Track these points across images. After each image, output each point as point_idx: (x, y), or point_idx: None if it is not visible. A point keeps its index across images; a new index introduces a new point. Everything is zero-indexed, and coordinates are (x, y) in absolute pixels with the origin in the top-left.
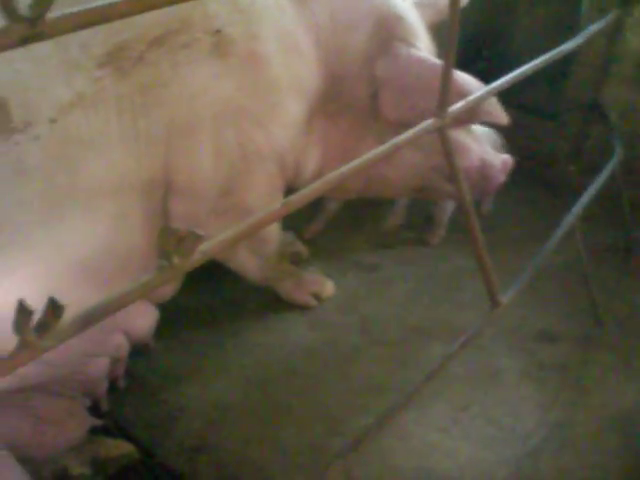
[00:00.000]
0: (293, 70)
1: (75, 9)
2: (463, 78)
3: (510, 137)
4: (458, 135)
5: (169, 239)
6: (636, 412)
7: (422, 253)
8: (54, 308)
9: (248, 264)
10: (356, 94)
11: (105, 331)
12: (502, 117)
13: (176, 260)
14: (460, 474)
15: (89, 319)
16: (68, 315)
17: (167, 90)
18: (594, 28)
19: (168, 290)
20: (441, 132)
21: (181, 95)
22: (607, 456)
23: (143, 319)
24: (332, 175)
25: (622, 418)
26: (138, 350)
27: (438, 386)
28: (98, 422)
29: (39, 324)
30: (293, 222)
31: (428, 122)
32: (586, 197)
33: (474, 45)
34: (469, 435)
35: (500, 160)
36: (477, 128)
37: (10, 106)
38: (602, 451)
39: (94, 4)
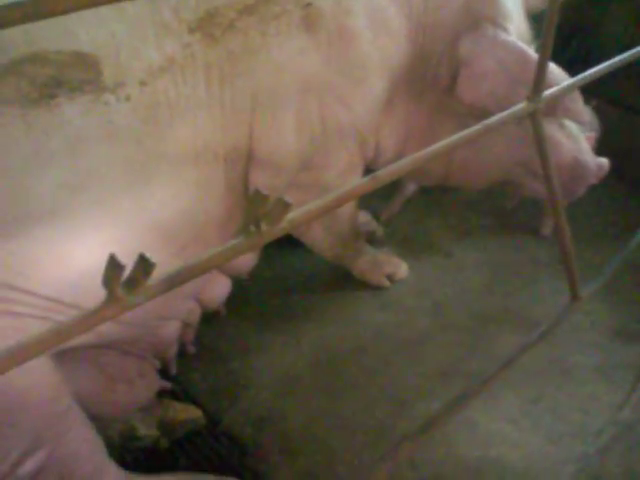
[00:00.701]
0: (382, 47)
1: None
2: (551, 67)
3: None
4: (550, 129)
5: (260, 204)
6: None
7: (498, 242)
8: (144, 265)
9: (322, 240)
10: (439, 74)
11: (179, 296)
12: (583, 114)
13: (264, 226)
14: (526, 467)
15: (177, 279)
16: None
17: (255, 60)
18: None
19: (246, 264)
20: (533, 118)
21: (268, 66)
22: None
23: (217, 289)
24: (422, 153)
25: None
26: (209, 318)
27: (508, 377)
28: (167, 385)
29: (128, 280)
30: (369, 202)
31: (520, 106)
32: None
33: (563, 34)
34: (537, 428)
35: (595, 162)
36: (571, 125)
37: (102, 65)
38: None
39: None
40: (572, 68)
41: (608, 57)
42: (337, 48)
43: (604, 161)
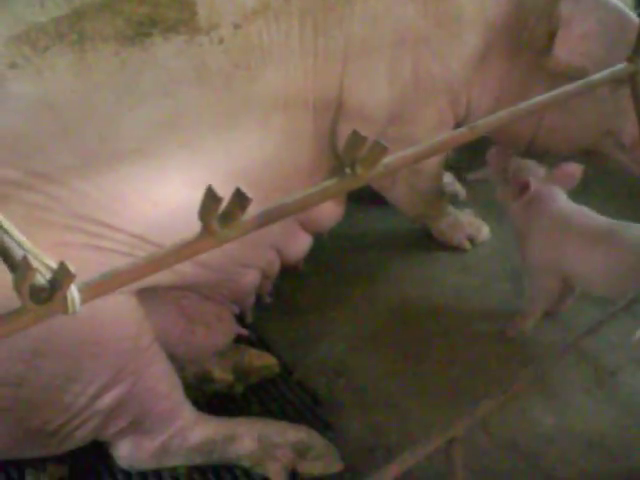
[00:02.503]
0: (478, 2)
1: None
2: None
3: None
4: None
5: (357, 147)
6: None
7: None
8: (240, 199)
9: (405, 197)
10: (536, 33)
11: (261, 246)
12: None
13: (359, 169)
14: (600, 438)
15: (271, 215)
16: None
17: (350, 9)
18: None
19: (330, 219)
20: (633, 79)
21: (363, 16)
22: None
23: (298, 243)
24: (521, 106)
25: None
26: (288, 271)
27: (587, 348)
28: (244, 331)
29: (224, 213)
30: (453, 162)
31: (620, 66)
32: None
33: None
34: (613, 400)
35: None
36: None
37: (197, 6)
38: None
39: None
40: None
41: None
42: (434, 0)
43: None
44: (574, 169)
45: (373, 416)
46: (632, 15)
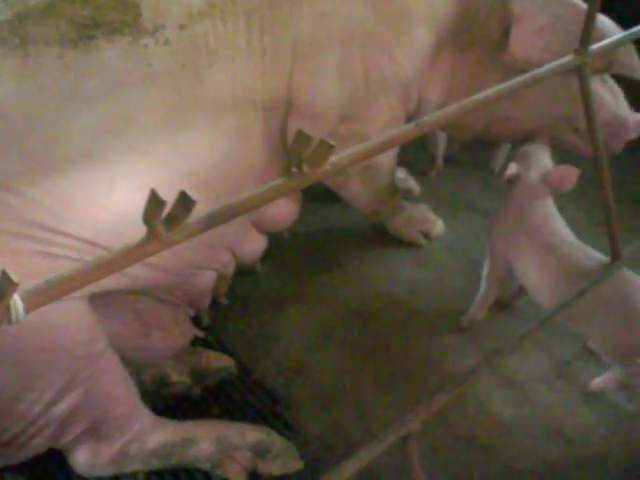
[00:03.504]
0: None
1: None
2: (603, 21)
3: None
4: (592, 84)
5: (302, 146)
6: None
7: None
8: (185, 202)
9: (360, 195)
10: (488, 28)
11: (215, 247)
12: (637, 69)
13: (306, 168)
14: (558, 426)
15: (217, 217)
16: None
17: (297, 7)
18: None
19: (286, 218)
20: (580, 71)
21: (311, 14)
22: None
23: (252, 245)
24: (468, 101)
25: None
26: (244, 271)
27: (544, 338)
28: (200, 333)
29: (169, 217)
30: (407, 159)
31: (567, 58)
32: None
33: None
34: (571, 389)
35: (634, 118)
36: (610, 80)
37: (141, 7)
38: None
39: None
40: (619, 22)
41: None
42: None
43: None
44: (569, 172)
45: (332, 413)
46: (583, 5)
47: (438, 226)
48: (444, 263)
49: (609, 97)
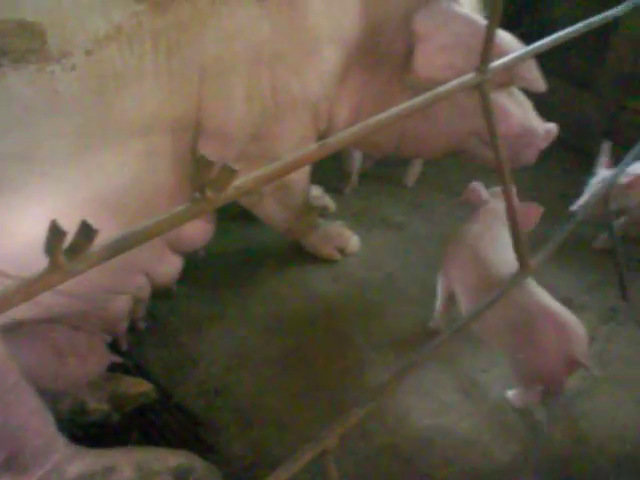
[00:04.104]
0: (333, 18)
1: None
2: (504, 38)
3: (547, 105)
4: (499, 98)
5: (205, 171)
6: None
7: (450, 214)
8: (87, 232)
9: (274, 214)
10: (393, 48)
11: (128, 271)
12: (538, 83)
13: (209, 193)
14: (476, 434)
15: (120, 245)
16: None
17: (203, 29)
18: None
19: (200, 239)
20: (481, 88)
21: (217, 35)
22: (624, 429)
23: (167, 267)
24: (371, 121)
25: None
26: (161, 293)
27: (460, 348)
28: (118, 359)
29: (70, 247)
30: (322, 176)
31: (468, 76)
32: (620, 168)
33: (515, 10)
34: (488, 397)
35: (544, 128)
36: (519, 92)
37: (47, 35)
38: (619, 423)
39: None
40: (526, 44)
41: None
42: (288, 17)
43: (552, 126)
44: (534, 211)
45: (253, 433)
46: (484, 22)
47: (353, 242)
48: (360, 278)
49: (517, 109)
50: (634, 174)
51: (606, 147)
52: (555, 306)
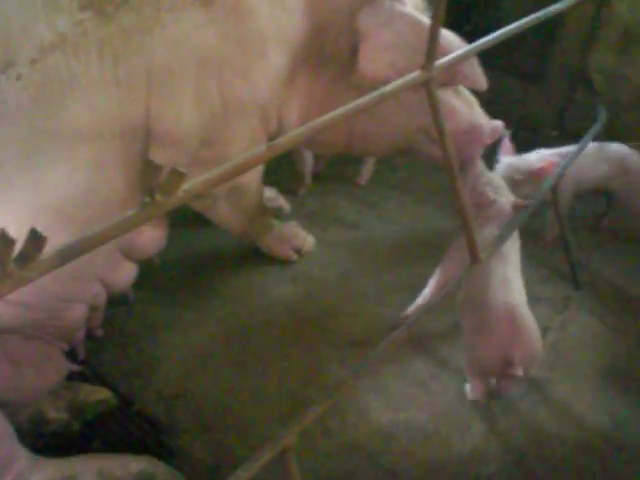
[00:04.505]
0: (278, 21)
1: None
2: (447, 36)
3: (494, 100)
4: (446, 96)
5: (153, 175)
6: (611, 373)
7: (403, 212)
8: (36, 239)
9: (229, 217)
10: (338, 47)
11: (82, 279)
12: (480, 81)
13: (159, 197)
14: (435, 427)
15: (71, 252)
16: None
17: (149, 36)
18: None
19: (153, 245)
20: (428, 86)
21: (163, 42)
22: (581, 417)
23: (122, 273)
24: (318, 121)
25: (598, 377)
26: (117, 300)
27: (418, 342)
28: (76, 368)
29: (20, 255)
30: (276, 178)
31: (414, 75)
32: (567, 161)
33: (462, 8)
34: (446, 390)
35: (489, 125)
36: (465, 90)
37: None
38: (576, 411)
39: None
40: (473, 42)
41: None
42: (234, 22)
43: (498, 123)
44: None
45: (215, 435)
46: (426, 21)
47: (309, 242)
48: (317, 278)
49: (464, 107)
50: (546, 159)
51: (506, 136)
52: (520, 307)
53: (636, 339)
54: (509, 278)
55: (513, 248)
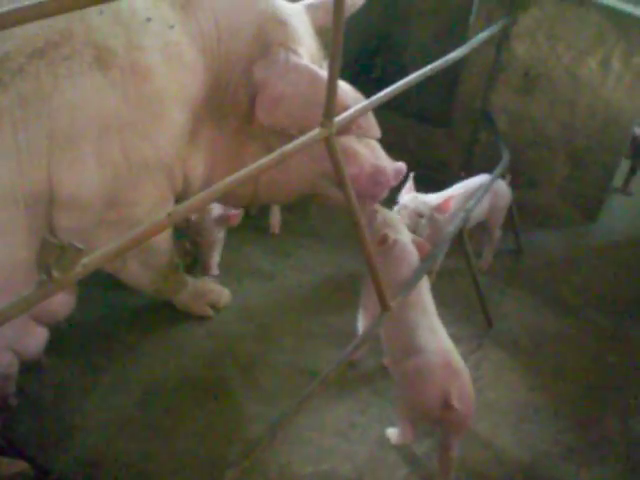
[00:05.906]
0: (177, 80)
1: None
2: (343, 88)
3: (404, 144)
4: (348, 141)
5: (49, 252)
6: (527, 408)
7: (318, 260)
8: None
9: (140, 276)
10: (238, 100)
11: None
12: (374, 130)
13: (56, 274)
14: (358, 476)
15: None
16: None
17: (47, 103)
18: (481, 37)
19: (62, 310)
20: (328, 142)
21: (62, 108)
22: (501, 452)
23: (33, 340)
24: (218, 185)
25: (516, 412)
26: (30, 367)
27: (336, 391)
28: None
29: None
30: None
31: (315, 132)
32: (474, 201)
33: (368, 54)
34: (366, 438)
35: (393, 166)
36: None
37: None
38: (496, 447)
39: None
40: (380, 87)
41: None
42: (132, 84)
43: (401, 165)
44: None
45: None
46: (323, 74)
47: (225, 295)
48: (235, 331)
49: (366, 151)
50: (445, 196)
51: (411, 177)
52: (452, 352)
53: (550, 373)
54: (435, 327)
55: (428, 296)
